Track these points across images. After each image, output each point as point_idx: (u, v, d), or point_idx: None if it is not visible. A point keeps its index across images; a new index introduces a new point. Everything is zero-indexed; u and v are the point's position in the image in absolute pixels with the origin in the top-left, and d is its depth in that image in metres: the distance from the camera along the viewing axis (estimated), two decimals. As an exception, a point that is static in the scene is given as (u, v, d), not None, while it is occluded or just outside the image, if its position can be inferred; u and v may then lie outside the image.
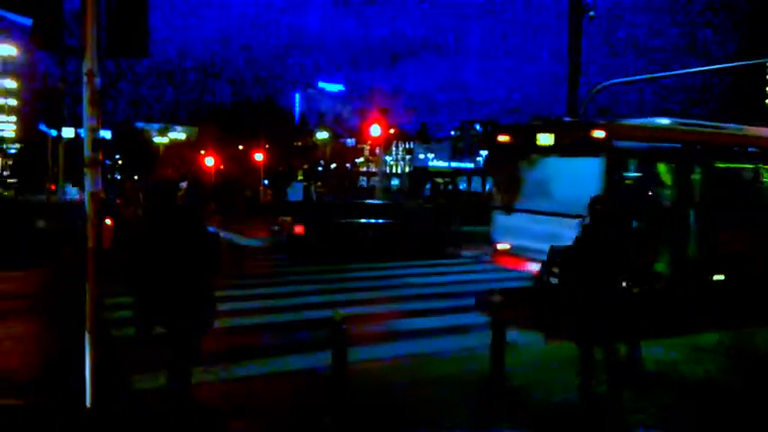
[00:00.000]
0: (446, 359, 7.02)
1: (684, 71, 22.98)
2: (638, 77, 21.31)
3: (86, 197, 4.41)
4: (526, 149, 10.55)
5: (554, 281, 5.49)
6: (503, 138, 11.14)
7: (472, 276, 13.27)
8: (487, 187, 57.84)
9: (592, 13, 17.45)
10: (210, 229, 4.73)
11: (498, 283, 10.58)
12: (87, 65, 4.44)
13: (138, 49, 4.68)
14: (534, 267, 9.08)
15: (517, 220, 10.43)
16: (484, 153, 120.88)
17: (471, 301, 9.83)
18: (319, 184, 63.93)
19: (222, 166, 58.74)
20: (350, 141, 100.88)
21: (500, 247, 10.77)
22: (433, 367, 6.69)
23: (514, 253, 10.45)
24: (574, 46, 16.69)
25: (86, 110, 4.46)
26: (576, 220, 8.21)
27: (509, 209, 10.69)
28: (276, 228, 17.65)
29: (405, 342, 7.76)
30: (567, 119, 12.31)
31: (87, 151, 4.45)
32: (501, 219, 10.88)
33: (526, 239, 9.97)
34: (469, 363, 6.71)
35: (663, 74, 23.23)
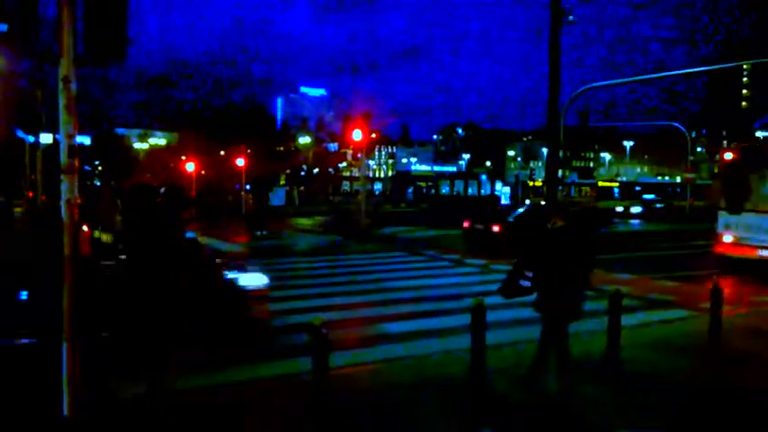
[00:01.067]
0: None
1: (662, 74, 23.37)
2: (614, 81, 21.62)
3: (63, 204, 4.37)
4: (757, 163, 13.66)
5: (526, 284, 5.56)
6: (730, 155, 14.43)
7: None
8: (470, 191, 58.21)
9: (571, 18, 17.68)
10: (189, 234, 4.73)
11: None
12: (63, 71, 4.42)
13: (115, 54, 4.66)
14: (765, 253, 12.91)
15: (746, 218, 13.73)
16: (466, 156, 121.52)
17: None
18: (302, 188, 63.76)
19: (203, 172, 58.34)
20: (332, 146, 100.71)
21: (725, 239, 14.05)
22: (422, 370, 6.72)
23: (741, 243, 13.70)
24: (554, 51, 16.88)
25: (62, 116, 4.43)
26: None
27: (737, 210, 13.92)
28: (258, 233, 17.31)
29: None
30: None
31: (64, 158, 4.42)
32: (728, 218, 14.08)
33: (756, 233, 13.18)
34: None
35: (640, 77, 23.61)
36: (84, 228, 12.48)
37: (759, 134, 65.08)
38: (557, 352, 5.58)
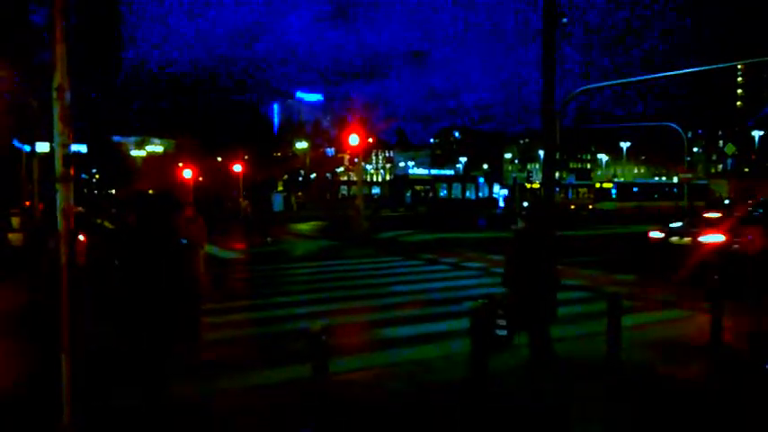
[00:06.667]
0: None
1: (658, 75, 23.40)
2: (609, 83, 21.66)
3: (58, 213, 4.36)
4: None
5: (501, 333, 5.41)
6: None
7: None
8: (467, 194, 58.30)
9: (565, 20, 17.72)
10: (183, 240, 4.72)
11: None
12: (57, 80, 4.40)
13: (109, 63, 4.66)
14: None
15: None
16: (463, 159, 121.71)
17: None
18: (300, 194, 63.78)
19: (201, 178, 58.35)
20: (329, 151, 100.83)
21: None
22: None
23: None
24: (548, 51, 16.89)
25: (57, 126, 4.41)
26: None
27: None
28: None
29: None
30: None
31: (58, 167, 4.40)
32: None
33: None
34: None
35: (636, 78, 23.62)
36: (81, 237, 12.49)
37: (754, 133, 65.22)
38: (546, 355, 5.57)
